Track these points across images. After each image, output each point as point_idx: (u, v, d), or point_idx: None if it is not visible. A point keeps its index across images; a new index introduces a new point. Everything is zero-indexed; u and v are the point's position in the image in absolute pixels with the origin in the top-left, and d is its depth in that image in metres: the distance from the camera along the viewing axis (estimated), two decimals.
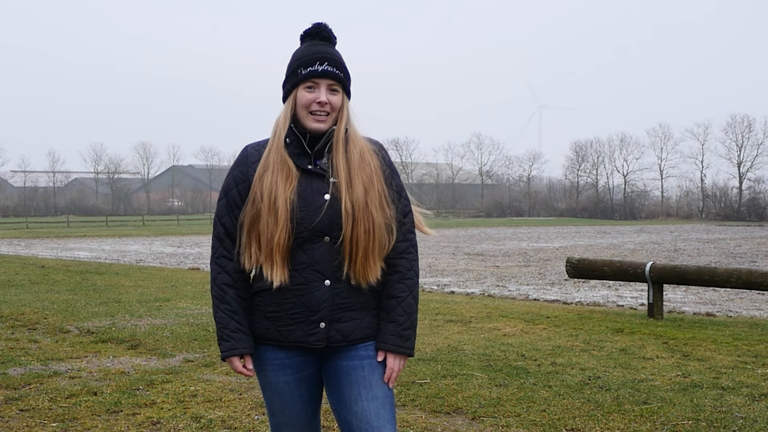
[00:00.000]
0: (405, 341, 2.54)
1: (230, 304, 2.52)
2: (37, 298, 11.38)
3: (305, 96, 2.50)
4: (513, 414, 4.92)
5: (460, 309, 10.00)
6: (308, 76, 2.49)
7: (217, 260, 2.56)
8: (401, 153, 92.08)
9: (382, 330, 2.54)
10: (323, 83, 2.50)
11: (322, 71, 2.49)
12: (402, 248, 2.56)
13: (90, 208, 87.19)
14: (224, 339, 2.51)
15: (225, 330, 2.51)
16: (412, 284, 2.57)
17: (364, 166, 2.51)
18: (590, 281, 14.63)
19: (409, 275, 2.56)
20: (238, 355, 2.51)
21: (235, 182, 2.55)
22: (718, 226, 56.60)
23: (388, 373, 2.54)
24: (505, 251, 25.68)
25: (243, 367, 2.54)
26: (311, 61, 2.50)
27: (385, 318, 2.54)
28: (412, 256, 2.58)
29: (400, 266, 2.55)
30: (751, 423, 4.70)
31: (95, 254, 25.03)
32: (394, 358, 2.54)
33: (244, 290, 2.55)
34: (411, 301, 2.56)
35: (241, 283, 2.54)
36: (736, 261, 20.41)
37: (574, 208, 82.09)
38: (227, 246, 2.55)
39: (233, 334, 2.50)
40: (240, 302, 2.53)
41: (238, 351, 2.50)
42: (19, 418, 4.87)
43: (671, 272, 9.07)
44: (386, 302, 2.55)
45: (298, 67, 2.51)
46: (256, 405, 5.15)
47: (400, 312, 2.53)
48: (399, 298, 2.54)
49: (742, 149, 78.39)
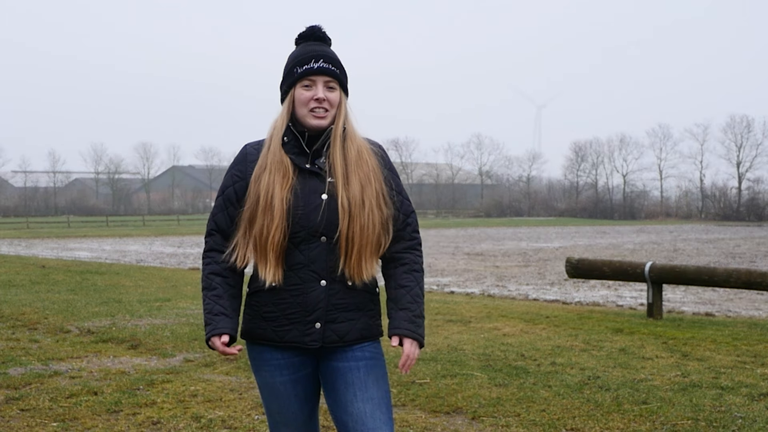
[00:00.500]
0: (417, 327, 2.52)
1: (216, 290, 2.52)
2: (37, 298, 11.38)
3: (303, 94, 2.51)
4: (513, 414, 4.93)
5: (459, 309, 10.01)
6: (305, 74, 2.50)
7: (208, 253, 2.58)
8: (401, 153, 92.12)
9: (393, 317, 2.53)
10: (320, 80, 2.51)
11: (318, 68, 2.50)
12: (408, 245, 2.59)
13: (90, 208, 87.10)
14: (207, 323, 2.50)
15: (208, 315, 2.51)
16: (419, 277, 2.58)
17: (361, 164, 2.51)
18: (590, 281, 14.64)
19: (416, 268, 2.58)
20: (217, 334, 2.47)
21: (232, 180, 2.57)
22: (718, 226, 56.62)
23: (404, 360, 2.50)
24: (505, 251, 25.69)
25: (225, 347, 2.47)
26: (307, 59, 2.51)
27: (394, 307, 2.55)
28: (418, 253, 2.61)
29: (407, 259, 2.58)
30: (751, 423, 4.71)
31: (96, 254, 25.04)
32: (410, 344, 2.51)
33: (234, 279, 2.55)
34: (419, 291, 2.57)
35: (229, 272, 2.54)
36: (736, 261, 20.42)
37: (574, 208, 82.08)
38: (217, 240, 2.56)
39: (215, 318, 2.49)
40: (227, 288, 2.53)
41: (217, 331, 2.47)
42: (20, 418, 4.88)
43: (671, 272, 9.08)
44: (395, 292, 2.56)
45: (294, 66, 2.53)
46: (256, 405, 5.16)
47: (410, 299, 2.54)
48: (408, 287, 2.55)
49: (742, 149, 78.43)
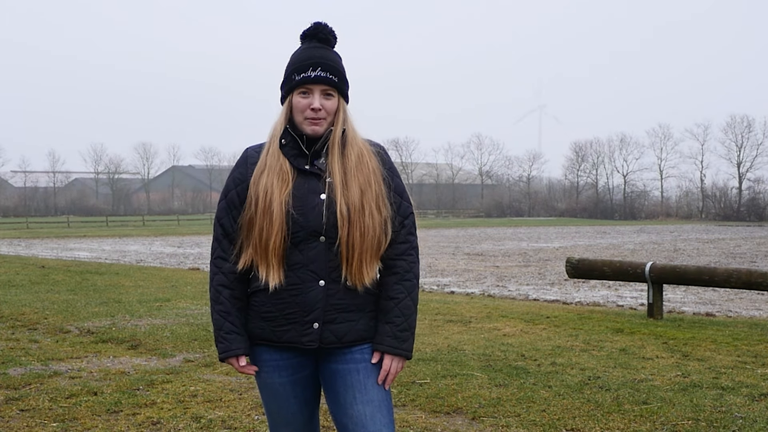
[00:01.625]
0: (402, 342, 2.51)
1: (224, 304, 2.53)
2: (37, 298, 11.38)
3: (300, 102, 2.51)
4: (513, 414, 4.92)
5: (460, 309, 10.01)
6: (301, 82, 2.50)
7: (215, 261, 2.58)
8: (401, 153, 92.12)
9: (378, 331, 2.53)
10: (317, 89, 2.51)
11: (315, 77, 2.49)
12: (401, 249, 2.55)
13: (90, 208, 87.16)
14: (219, 341, 2.54)
15: (219, 332, 2.54)
16: (410, 286, 2.55)
17: (361, 168, 2.51)
18: (590, 281, 14.63)
19: (408, 277, 2.55)
20: (233, 356, 2.52)
21: (234, 183, 2.57)
22: (718, 226, 56.60)
23: (382, 375, 2.52)
24: (505, 251, 25.69)
25: (243, 366, 2.54)
26: (305, 66, 2.51)
27: (382, 319, 2.53)
28: (411, 258, 2.57)
29: (399, 267, 2.54)
30: (751, 423, 4.71)
31: (95, 254, 25.03)
32: (390, 360, 2.52)
33: (240, 291, 2.55)
34: (409, 302, 2.54)
35: (237, 283, 2.55)
36: (736, 261, 20.41)
37: (574, 208, 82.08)
38: (224, 247, 2.56)
39: (227, 336, 2.52)
40: (234, 303, 2.54)
41: (233, 353, 2.52)
42: (20, 418, 4.88)
43: (671, 272, 9.07)
44: (384, 303, 2.54)
45: (293, 73, 2.53)
46: (256, 405, 5.15)
47: (397, 313, 2.52)
48: (396, 299, 2.53)
49: (742, 149, 78.50)
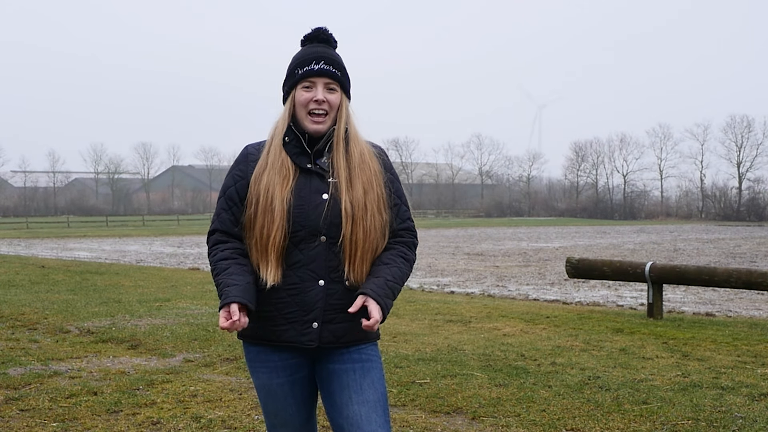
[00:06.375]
0: (385, 297, 2.41)
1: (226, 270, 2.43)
2: (37, 298, 11.38)
3: (303, 95, 2.51)
4: (513, 414, 4.92)
5: (460, 309, 10.01)
6: (305, 75, 2.50)
7: (212, 248, 2.54)
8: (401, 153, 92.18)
9: (366, 282, 2.45)
10: (320, 82, 2.51)
11: (318, 69, 2.50)
12: (402, 241, 2.57)
13: (90, 208, 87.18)
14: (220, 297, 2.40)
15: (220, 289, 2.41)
16: (404, 263, 2.53)
17: (364, 167, 2.51)
18: (590, 281, 14.63)
19: (403, 251, 2.55)
20: (226, 304, 2.36)
21: (234, 180, 2.56)
22: (718, 226, 56.62)
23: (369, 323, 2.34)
24: (505, 251, 25.69)
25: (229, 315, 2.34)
26: (308, 60, 2.51)
27: (370, 277, 2.47)
28: (410, 248, 2.58)
29: (398, 244, 2.56)
30: (751, 423, 4.71)
31: (95, 254, 25.04)
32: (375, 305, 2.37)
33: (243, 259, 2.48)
34: (398, 272, 2.49)
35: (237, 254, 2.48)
36: (736, 261, 20.41)
37: (574, 208, 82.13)
38: (221, 237, 2.53)
39: (225, 290, 2.39)
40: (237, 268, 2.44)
41: (228, 300, 2.36)
42: (20, 418, 4.88)
43: (671, 272, 9.07)
44: (375, 268, 2.49)
45: (296, 68, 2.53)
46: (256, 405, 5.15)
47: (386, 272, 2.47)
48: (389, 264, 2.50)
49: (742, 149, 78.57)
